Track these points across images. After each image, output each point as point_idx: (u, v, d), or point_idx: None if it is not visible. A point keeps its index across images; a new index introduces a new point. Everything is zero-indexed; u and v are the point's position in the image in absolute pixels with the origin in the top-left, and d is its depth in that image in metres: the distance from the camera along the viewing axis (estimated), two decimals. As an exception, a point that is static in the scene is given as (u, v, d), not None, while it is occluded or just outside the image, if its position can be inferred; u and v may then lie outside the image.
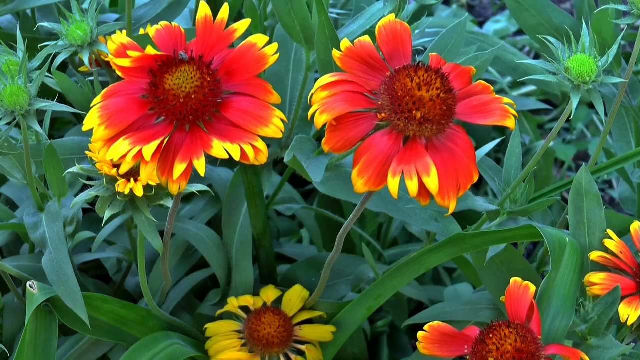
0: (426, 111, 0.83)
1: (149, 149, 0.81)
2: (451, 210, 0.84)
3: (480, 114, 0.86)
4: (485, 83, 0.88)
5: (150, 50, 0.83)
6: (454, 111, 0.85)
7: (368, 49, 0.88)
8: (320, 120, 0.83)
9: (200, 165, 0.81)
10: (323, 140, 0.84)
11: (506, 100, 0.87)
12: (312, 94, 0.85)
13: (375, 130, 0.85)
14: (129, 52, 0.84)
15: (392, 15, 0.89)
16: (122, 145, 0.81)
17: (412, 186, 0.82)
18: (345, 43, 0.87)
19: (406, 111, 0.83)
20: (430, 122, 0.83)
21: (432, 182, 0.82)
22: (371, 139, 0.84)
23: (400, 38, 0.88)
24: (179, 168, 0.81)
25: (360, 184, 0.84)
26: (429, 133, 0.84)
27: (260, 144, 0.82)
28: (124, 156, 0.81)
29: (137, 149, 0.81)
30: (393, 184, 0.82)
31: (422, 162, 0.82)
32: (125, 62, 0.84)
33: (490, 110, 0.86)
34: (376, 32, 0.88)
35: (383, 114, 0.84)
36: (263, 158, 0.82)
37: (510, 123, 0.85)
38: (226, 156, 0.81)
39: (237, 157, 0.81)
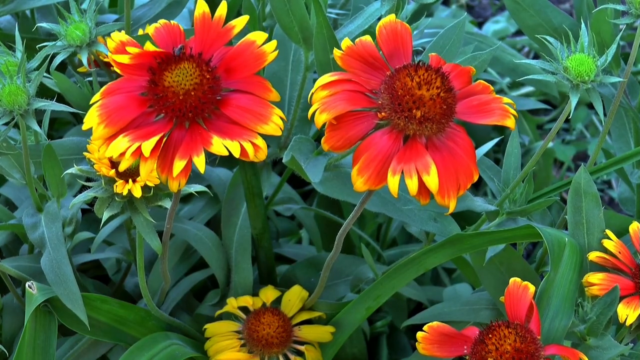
0: (426, 110, 0.83)
1: (148, 145, 0.81)
2: (451, 210, 0.84)
3: (480, 114, 0.86)
4: (485, 82, 0.88)
5: (149, 46, 0.83)
6: (454, 110, 0.85)
7: (369, 48, 0.88)
8: (321, 119, 0.83)
9: (200, 162, 0.81)
10: (323, 139, 0.84)
11: (506, 100, 0.87)
12: (312, 93, 0.85)
13: (375, 129, 0.85)
14: (128, 48, 0.84)
15: (393, 16, 0.89)
16: (122, 142, 0.81)
17: (412, 185, 0.82)
18: (346, 42, 0.87)
19: (406, 110, 0.83)
20: (430, 121, 0.83)
21: (432, 180, 0.82)
22: (371, 137, 0.84)
23: (401, 38, 0.89)
24: (179, 165, 0.81)
25: (360, 183, 0.84)
26: (429, 132, 0.84)
27: (260, 141, 0.82)
28: (123, 153, 0.81)
29: (136, 145, 0.81)
30: (393, 182, 0.82)
31: (422, 161, 0.82)
32: (124, 59, 0.84)
33: (490, 110, 0.86)
34: (376, 32, 0.88)
35: (383, 113, 0.84)
36: (262, 155, 0.82)
37: (510, 123, 0.85)
38: (226, 153, 0.81)
39: (236, 153, 0.81)
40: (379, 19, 1.09)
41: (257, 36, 0.85)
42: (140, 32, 1.21)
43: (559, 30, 1.22)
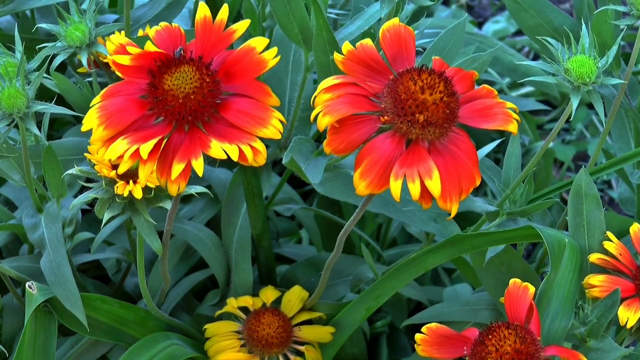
0: (429, 114, 0.83)
1: (146, 147, 0.81)
2: (453, 214, 0.84)
3: (483, 118, 0.86)
4: (489, 87, 0.88)
5: (149, 46, 0.82)
6: (457, 115, 0.85)
7: (370, 52, 0.87)
8: (323, 122, 0.83)
9: (199, 166, 0.81)
10: (325, 142, 0.84)
11: (509, 104, 0.87)
12: (315, 96, 0.84)
13: (377, 133, 0.85)
14: (129, 49, 0.83)
15: (397, 19, 0.89)
16: (120, 145, 0.81)
17: (415, 189, 0.82)
18: (347, 46, 0.87)
19: (409, 114, 0.83)
20: (433, 125, 0.83)
21: (435, 185, 0.82)
22: (373, 141, 0.84)
23: (404, 41, 0.88)
24: (177, 168, 0.81)
25: (362, 187, 0.84)
26: (432, 136, 0.84)
27: (259, 145, 0.82)
28: (121, 155, 0.81)
29: (134, 147, 0.81)
30: (395, 187, 0.82)
31: (424, 165, 0.82)
32: (124, 60, 0.83)
33: (493, 115, 0.86)
34: (380, 36, 0.88)
35: (386, 117, 0.84)
36: (262, 159, 0.82)
37: (512, 128, 0.85)
38: (224, 156, 0.81)
39: (235, 157, 0.81)
40: (379, 20, 1.09)
41: (258, 42, 0.85)
42: (141, 32, 1.21)
43: (559, 30, 1.21)
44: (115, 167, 0.95)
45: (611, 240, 1.03)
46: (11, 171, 1.11)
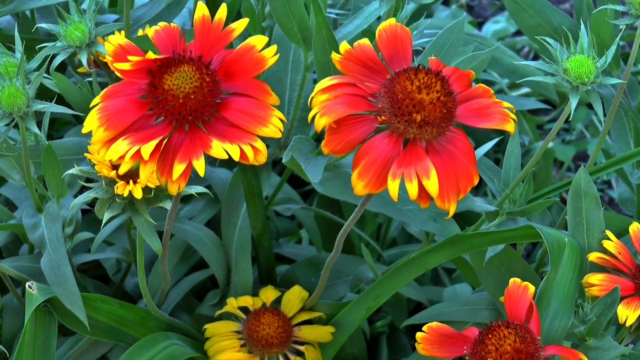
0: (426, 114, 0.83)
1: (147, 148, 0.81)
2: (451, 213, 0.84)
3: (480, 117, 0.86)
4: (485, 86, 0.88)
5: (151, 55, 0.83)
6: (454, 114, 0.85)
7: (367, 51, 0.88)
8: (320, 123, 0.83)
9: (200, 166, 0.81)
10: (323, 143, 0.84)
11: (506, 104, 0.87)
12: (312, 97, 0.84)
13: (375, 133, 0.85)
14: (130, 57, 0.83)
15: (393, 19, 0.89)
16: (121, 146, 0.81)
17: (412, 189, 0.82)
18: (344, 46, 0.87)
19: (406, 114, 0.83)
20: (430, 125, 0.83)
21: (432, 185, 0.82)
22: (371, 141, 0.84)
23: (401, 41, 0.88)
24: (178, 168, 0.81)
25: (360, 187, 0.84)
26: (429, 136, 0.84)
27: (260, 144, 0.82)
28: (122, 156, 0.81)
29: (135, 148, 0.81)
30: (393, 186, 0.82)
31: (422, 165, 0.82)
32: (125, 66, 0.83)
33: (490, 114, 0.86)
34: (376, 35, 0.88)
35: (383, 117, 0.84)
36: (262, 158, 0.82)
37: (510, 127, 0.85)
38: (225, 156, 0.81)
39: (236, 157, 0.81)
40: (379, 18, 1.09)
41: (257, 40, 0.85)
42: (140, 32, 1.21)
43: (558, 30, 1.22)
44: (115, 167, 0.95)
45: (610, 240, 1.03)
46: (11, 171, 1.11)
